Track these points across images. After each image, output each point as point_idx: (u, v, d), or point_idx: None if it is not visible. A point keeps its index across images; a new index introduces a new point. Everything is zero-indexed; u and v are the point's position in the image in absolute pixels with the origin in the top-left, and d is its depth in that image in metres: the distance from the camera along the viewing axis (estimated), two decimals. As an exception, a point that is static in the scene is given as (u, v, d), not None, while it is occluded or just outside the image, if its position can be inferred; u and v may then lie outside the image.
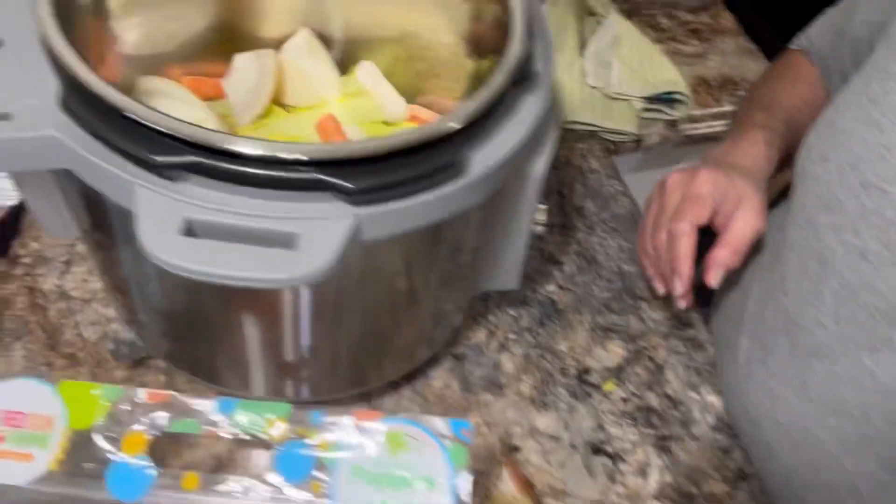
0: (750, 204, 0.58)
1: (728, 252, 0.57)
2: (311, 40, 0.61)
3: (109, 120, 0.36)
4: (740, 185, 0.59)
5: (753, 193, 0.59)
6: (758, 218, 0.58)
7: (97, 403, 0.41)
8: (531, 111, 0.47)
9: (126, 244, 0.43)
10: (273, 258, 0.34)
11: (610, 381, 0.68)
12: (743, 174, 0.60)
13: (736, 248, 0.58)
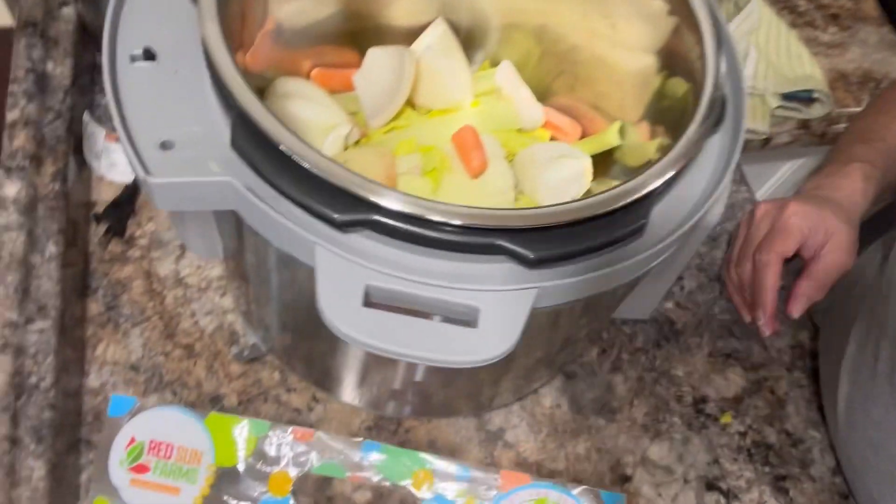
0: (839, 240, 0.56)
1: (812, 284, 0.55)
2: (448, 37, 0.57)
3: (286, 169, 0.33)
4: (830, 220, 0.56)
5: (843, 229, 0.56)
6: (846, 254, 0.56)
7: (243, 439, 0.40)
8: (716, 150, 0.42)
9: (274, 272, 0.41)
10: (454, 338, 0.32)
11: (728, 414, 0.65)
12: (834, 209, 0.57)
13: (821, 282, 0.55)
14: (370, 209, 0.33)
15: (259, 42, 0.48)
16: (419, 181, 0.53)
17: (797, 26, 0.95)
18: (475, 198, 0.53)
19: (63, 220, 0.56)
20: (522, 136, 0.58)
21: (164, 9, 0.40)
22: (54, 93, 0.61)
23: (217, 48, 0.35)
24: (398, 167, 0.53)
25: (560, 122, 0.59)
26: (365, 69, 0.56)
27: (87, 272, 0.61)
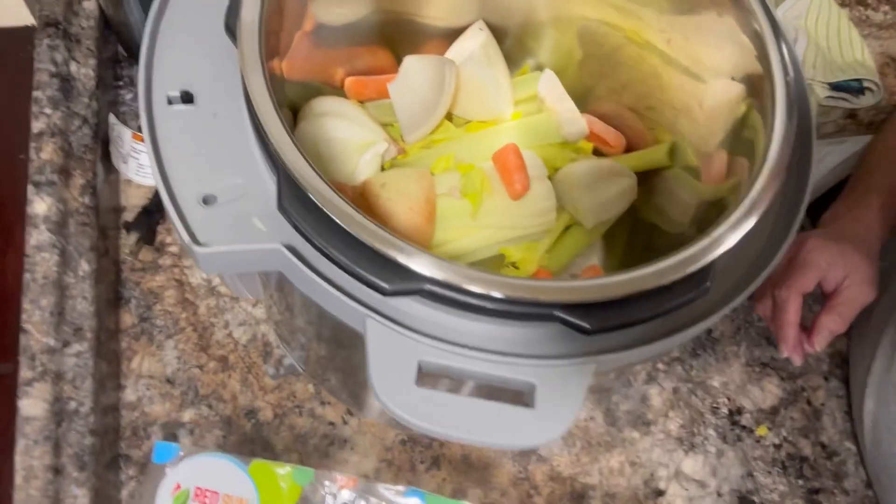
0: (859, 274, 0.55)
1: (833, 318, 0.55)
2: (490, 45, 0.54)
3: (335, 235, 0.32)
4: (849, 254, 0.56)
5: (863, 263, 0.56)
6: (867, 288, 0.56)
7: (287, 486, 0.40)
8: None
9: (321, 324, 0.40)
10: (510, 419, 0.31)
11: (763, 426, 0.64)
12: (854, 242, 0.57)
13: (842, 316, 0.55)
14: (421, 280, 0.32)
15: (295, 47, 0.46)
16: (458, 203, 0.51)
17: (847, 4, 0.90)
18: (515, 220, 0.52)
19: (94, 235, 0.55)
20: (565, 151, 0.55)
21: (199, 45, 0.38)
22: (79, 97, 0.59)
23: (263, 104, 0.33)
24: (437, 187, 0.51)
25: (604, 134, 0.56)
26: (401, 79, 0.53)
27: (119, 281, 0.61)
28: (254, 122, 0.33)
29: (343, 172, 0.51)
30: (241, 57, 0.34)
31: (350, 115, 0.50)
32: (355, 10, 0.52)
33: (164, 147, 0.36)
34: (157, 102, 0.36)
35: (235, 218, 0.34)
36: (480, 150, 0.53)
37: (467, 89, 0.54)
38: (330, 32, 0.51)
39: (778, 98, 0.37)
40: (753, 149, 0.38)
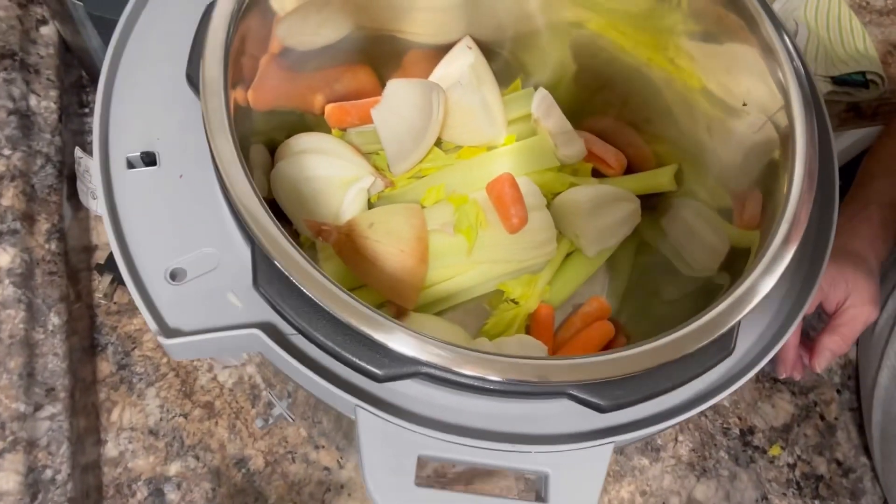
0: (860, 293, 0.54)
1: (835, 339, 0.54)
2: (480, 68, 0.50)
3: (320, 318, 0.29)
4: (849, 274, 0.55)
5: (864, 282, 0.55)
6: (868, 307, 0.55)
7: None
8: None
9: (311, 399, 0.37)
10: (524, 517, 0.28)
11: (777, 445, 0.62)
12: (854, 261, 0.56)
13: (844, 336, 0.54)
14: (417, 363, 0.28)
15: (269, 78, 0.42)
16: (452, 240, 0.48)
17: (847, -9, 0.87)
18: (512, 253, 0.49)
19: (64, 284, 0.52)
20: (563, 175, 0.52)
21: (160, 98, 0.34)
22: (41, 133, 0.55)
23: (233, 172, 0.29)
24: (428, 222, 0.48)
25: (604, 154, 0.53)
26: (385, 104, 0.49)
27: (94, 328, 0.57)
28: (224, 192, 0.30)
29: (327, 212, 0.47)
30: (206, 121, 0.30)
31: (331, 150, 0.47)
32: (335, 31, 0.48)
33: (124, 218, 0.32)
34: (115, 167, 0.33)
35: (208, 295, 0.31)
36: (473, 179, 0.50)
37: (456, 114, 0.50)
38: (307, 56, 0.47)
39: (798, 138, 0.34)
40: (773, 190, 0.35)
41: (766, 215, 0.35)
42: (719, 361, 0.31)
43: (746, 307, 0.31)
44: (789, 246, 0.32)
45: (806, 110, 0.34)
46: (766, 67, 0.36)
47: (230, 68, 0.32)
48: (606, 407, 0.29)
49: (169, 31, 0.36)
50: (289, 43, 0.43)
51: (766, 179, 0.36)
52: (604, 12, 0.47)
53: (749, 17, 0.36)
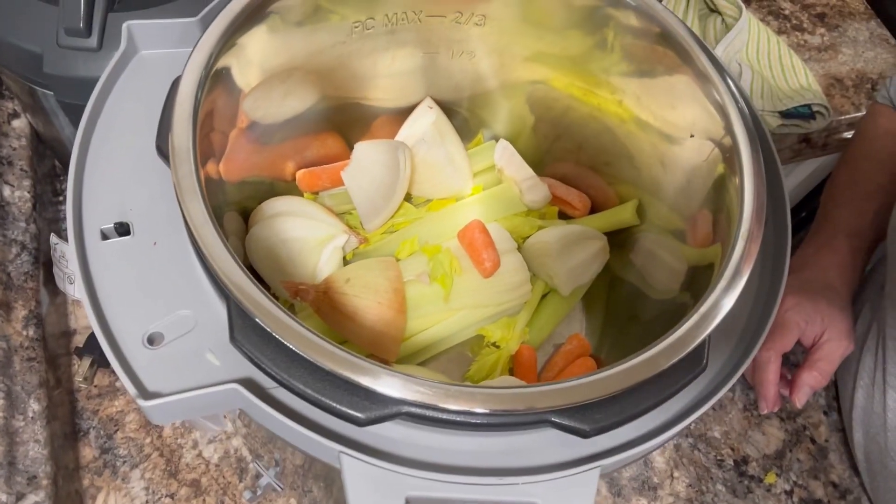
0: (836, 329, 0.56)
1: (814, 374, 0.55)
2: (442, 124, 0.52)
3: (298, 366, 0.29)
4: (824, 309, 0.56)
5: (839, 315, 0.56)
6: (845, 339, 0.56)
7: None
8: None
9: (295, 455, 0.36)
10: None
11: (772, 473, 0.61)
12: (828, 295, 0.58)
13: (822, 370, 0.55)
14: (399, 403, 0.29)
15: (237, 151, 0.43)
16: (429, 289, 0.48)
17: (784, 31, 0.92)
18: (489, 297, 0.49)
19: (43, 370, 0.51)
20: (530, 218, 0.53)
21: (131, 170, 0.36)
22: (15, 222, 0.56)
23: (205, 232, 0.30)
24: (404, 274, 0.49)
25: (568, 196, 0.55)
26: (354, 166, 0.51)
27: (76, 412, 0.56)
28: (197, 251, 0.31)
29: (304, 272, 0.48)
30: (177, 185, 0.31)
31: (304, 211, 0.48)
32: (300, 101, 0.50)
33: (100, 288, 0.32)
34: (89, 239, 0.33)
35: (186, 356, 0.31)
36: (445, 229, 0.51)
37: (423, 170, 0.52)
38: (275, 129, 0.49)
39: (744, 157, 0.36)
40: (728, 210, 0.36)
41: (720, 232, 0.36)
42: (694, 377, 0.32)
43: (713, 321, 0.31)
44: (748, 261, 0.33)
45: (747, 130, 0.36)
46: (704, 95, 0.38)
47: (199, 139, 0.34)
48: (590, 431, 0.30)
49: (136, 109, 0.37)
50: (256, 115, 0.45)
51: (717, 200, 0.38)
52: (550, 65, 0.50)
53: (681, 49, 0.39)
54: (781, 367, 0.58)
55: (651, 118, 0.45)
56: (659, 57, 0.41)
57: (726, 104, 0.38)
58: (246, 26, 0.38)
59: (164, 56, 0.40)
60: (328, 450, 0.29)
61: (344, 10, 0.44)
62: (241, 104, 0.42)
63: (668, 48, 0.40)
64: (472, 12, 0.47)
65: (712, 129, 0.38)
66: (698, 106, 0.39)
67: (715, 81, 0.38)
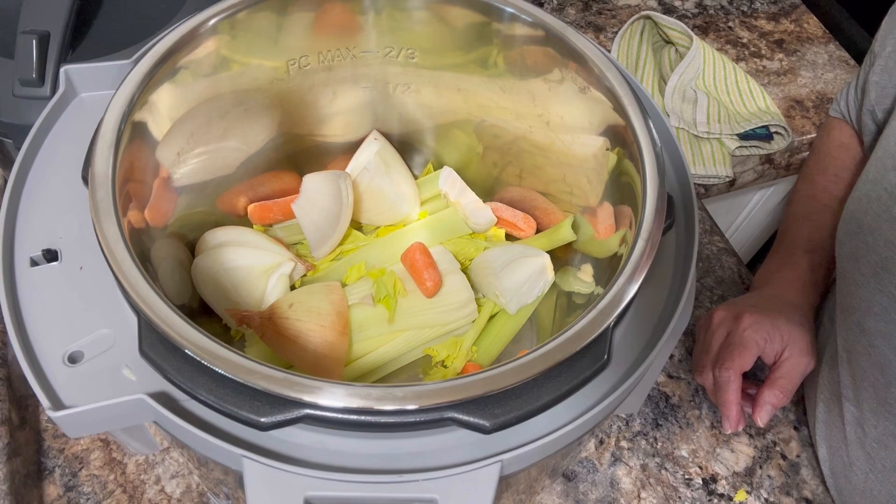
0: (797, 346, 0.56)
1: (776, 392, 0.55)
2: (386, 153, 0.54)
3: (201, 373, 0.30)
4: (783, 327, 0.56)
5: (798, 333, 0.56)
6: (805, 357, 0.56)
7: None
8: (669, 252, 0.39)
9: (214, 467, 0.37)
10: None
11: (742, 490, 0.61)
12: (787, 313, 0.58)
13: (783, 388, 0.55)
14: (299, 406, 0.30)
15: (161, 198, 0.45)
16: (373, 311, 0.49)
17: (743, 58, 0.94)
18: (434, 318, 0.50)
19: (5, 409, 0.53)
20: (476, 241, 0.55)
21: (63, 202, 0.38)
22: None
23: (117, 248, 0.32)
24: (349, 297, 0.50)
25: (512, 219, 0.56)
26: (303, 198, 0.53)
27: (41, 451, 0.57)
28: (110, 267, 0.32)
29: (251, 300, 0.49)
30: (94, 207, 0.33)
31: (248, 241, 0.50)
32: (248, 139, 0.52)
33: (26, 311, 0.34)
34: (18, 266, 0.35)
35: (103, 372, 0.32)
36: (390, 254, 0.53)
37: (369, 198, 0.54)
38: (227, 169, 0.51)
39: (647, 166, 0.37)
40: (636, 211, 0.38)
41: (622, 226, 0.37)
42: (596, 372, 0.32)
43: (610, 316, 0.32)
44: (646, 259, 0.34)
45: (648, 131, 0.38)
46: (611, 105, 0.40)
47: (124, 171, 0.36)
48: (490, 427, 0.30)
49: (73, 147, 0.40)
50: (195, 150, 0.47)
51: (628, 204, 0.39)
52: (481, 93, 0.52)
53: (576, 55, 0.41)
54: (749, 382, 0.58)
55: (573, 137, 0.47)
56: (569, 72, 0.43)
57: (631, 116, 0.40)
58: (173, 64, 0.40)
59: (103, 98, 0.42)
60: (231, 455, 0.30)
61: (250, 60, 0.46)
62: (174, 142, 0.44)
63: (572, 59, 0.42)
64: (401, 47, 0.50)
65: (623, 136, 0.40)
66: (609, 117, 0.41)
67: (620, 94, 0.40)
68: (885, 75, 0.59)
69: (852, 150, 0.68)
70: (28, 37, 0.46)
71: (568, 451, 0.41)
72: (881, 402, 0.51)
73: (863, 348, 0.51)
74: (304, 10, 0.45)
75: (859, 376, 0.53)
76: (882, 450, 0.52)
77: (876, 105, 0.61)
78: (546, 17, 0.43)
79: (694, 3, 1.00)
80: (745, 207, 1.01)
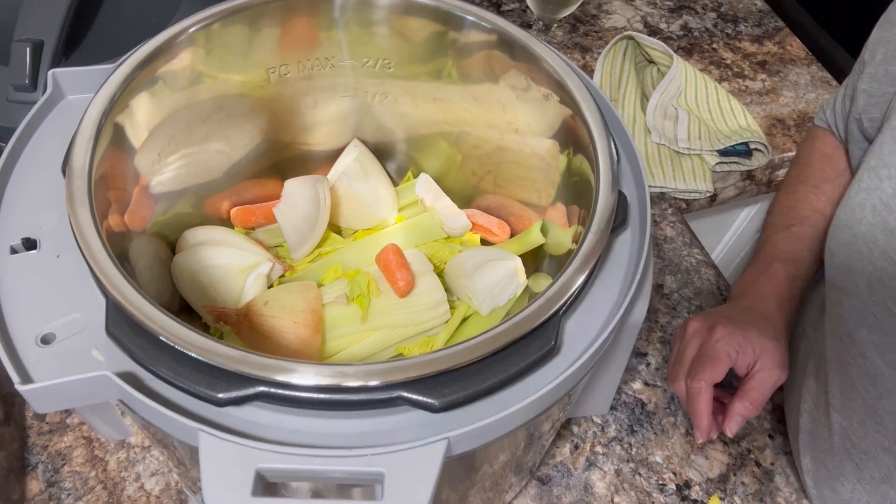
0: (769, 359, 0.56)
1: (746, 404, 0.55)
2: (365, 159, 0.56)
3: (162, 351, 0.32)
4: (756, 340, 0.57)
5: (771, 346, 0.57)
6: (777, 370, 0.56)
7: None
8: (626, 249, 0.41)
9: (182, 448, 0.38)
10: (359, 516, 0.29)
11: (715, 497, 0.61)
12: (761, 325, 0.58)
13: (754, 400, 0.55)
14: (255, 383, 0.31)
15: (141, 202, 0.47)
16: (347, 309, 0.51)
17: (726, 79, 0.96)
18: (407, 317, 0.52)
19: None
20: (451, 245, 0.56)
21: (46, 189, 0.40)
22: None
23: (88, 233, 0.34)
24: (324, 297, 0.51)
25: (487, 224, 0.58)
26: (283, 202, 0.55)
27: (26, 448, 0.59)
28: (80, 251, 0.34)
29: (228, 297, 0.51)
30: (69, 196, 0.35)
31: (227, 240, 0.52)
32: (231, 145, 0.54)
33: (3, 295, 0.36)
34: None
35: (73, 353, 0.34)
36: (366, 256, 0.54)
37: (347, 201, 0.56)
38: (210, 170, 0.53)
39: (601, 164, 0.39)
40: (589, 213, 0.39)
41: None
42: (543, 357, 0.34)
43: (556, 303, 0.34)
44: (595, 251, 0.36)
45: (604, 131, 0.40)
46: (571, 109, 0.42)
47: (97, 162, 0.38)
48: (439, 406, 0.32)
49: (57, 146, 0.41)
50: (176, 153, 0.49)
51: (584, 200, 0.41)
52: (455, 102, 0.54)
53: (528, 54, 0.43)
54: (722, 392, 0.59)
55: (539, 141, 0.49)
56: (533, 79, 0.45)
57: (590, 124, 0.41)
58: (154, 67, 0.42)
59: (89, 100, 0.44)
60: (188, 429, 0.31)
61: (230, 66, 0.48)
62: (154, 143, 0.46)
63: (534, 66, 0.44)
64: (377, 57, 0.52)
65: (581, 136, 0.42)
66: (569, 123, 0.43)
67: (578, 101, 0.42)
68: (874, 83, 0.60)
69: (835, 160, 0.68)
70: (22, 44, 0.49)
71: (524, 442, 0.42)
72: (871, 413, 0.51)
73: (853, 359, 0.52)
74: (276, 21, 0.47)
75: (848, 387, 0.53)
76: (871, 461, 0.52)
77: (863, 113, 0.61)
78: (507, 26, 0.45)
79: (679, 26, 1.03)
80: (730, 227, 1.02)
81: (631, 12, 1.03)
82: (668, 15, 1.04)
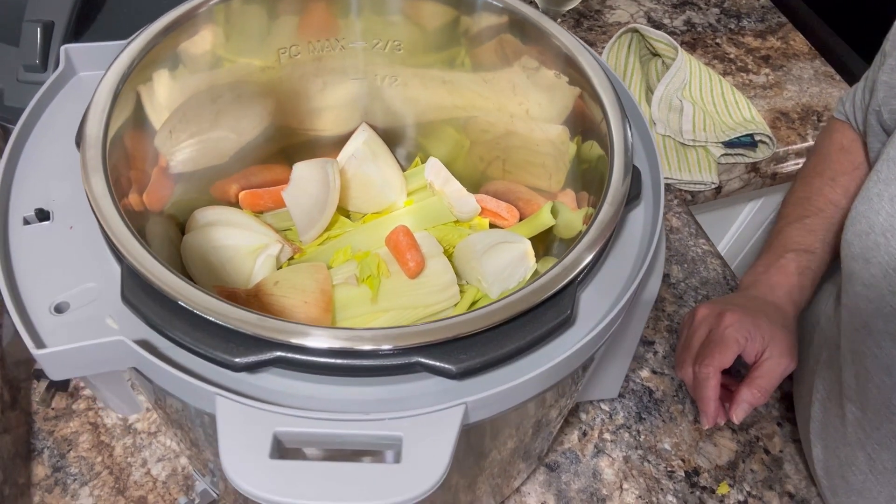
0: (778, 347, 0.56)
1: (753, 391, 0.55)
2: (373, 143, 0.56)
3: (178, 316, 0.31)
4: (765, 327, 0.57)
5: (780, 334, 0.57)
6: (786, 358, 0.56)
7: None
8: (640, 224, 0.41)
9: (196, 420, 0.38)
10: (377, 479, 0.29)
11: (724, 483, 0.61)
12: (770, 314, 0.58)
13: (762, 388, 0.55)
14: (272, 348, 0.31)
15: (158, 179, 0.47)
16: (357, 290, 0.51)
17: (730, 73, 0.97)
18: (417, 299, 0.52)
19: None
20: (460, 228, 0.56)
21: (58, 162, 0.39)
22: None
23: (104, 203, 0.34)
24: (334, 278, 0.51)
25: (496, 208, 0.58)
26: (292, 185, 0.55)
27: (32, 433, 0.58)
28: (96, 219, 0.34)
29: (238, 278, 0.51)
30: (84, 164, 0.35)
31: (237, 221, 0.51)
32: (239, 125, 0.54)
33: (17, 264, 0.36)
34: (12, 225, 0.37)
35: (87, 321, 0.34)
36: (376, 238, 0.54)
37: (356, 185, 0.56)
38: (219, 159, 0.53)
39: (615, 138, 0.39)
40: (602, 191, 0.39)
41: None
42: (559, 326, 0.33)
43: (574, 270, 0.34)
44: (610, 222, 0.36)
45: (618, 103, 0.40)
46: (582, 86, 0.42)
47: (112, 131, 0.38)
48: (456, 371, 0.31)
49: (69, 121, 0.41)
50: (186, 132, 0.48)
51: (598, 179, 0.41)
52: (465, 85, 0.54)
53: (548, 41, 0.43)
54: (730, 379, 0.58)
55: (551, 123, 0.49)
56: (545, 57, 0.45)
57: (603, 99, 0.42)
58: (167, 43, 0.42)
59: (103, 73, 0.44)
60: (205, 394, 0.31)
61: (242, 46, 0.48)
62: (165, 118, 0.46)
63: (545, 45, 0.44)
64: (388, 39, 0.52)
65: (594, 119, 0.42)
66: (582, 102, 0.43)
67: (591, 77, 0.42)
68: (894, 75, 0.59)
69: (852, 153, 0.68)
70: (33, 24, 0.49)
71: (532, 428, 0.42)
72: (886, 403, 0.51)
73: (868, 349, 0.51)
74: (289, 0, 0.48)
75: (863, 377, 0.53)
76: (884, 451, 0.52)
77: (883, 105, 0.60)
78: (519, 5, 0.46)
79: (683, 21, 1.03)
80: (734, 221, 1.02)
81: (634, 7, 1.04)
82: (672, 10, 1.04)
